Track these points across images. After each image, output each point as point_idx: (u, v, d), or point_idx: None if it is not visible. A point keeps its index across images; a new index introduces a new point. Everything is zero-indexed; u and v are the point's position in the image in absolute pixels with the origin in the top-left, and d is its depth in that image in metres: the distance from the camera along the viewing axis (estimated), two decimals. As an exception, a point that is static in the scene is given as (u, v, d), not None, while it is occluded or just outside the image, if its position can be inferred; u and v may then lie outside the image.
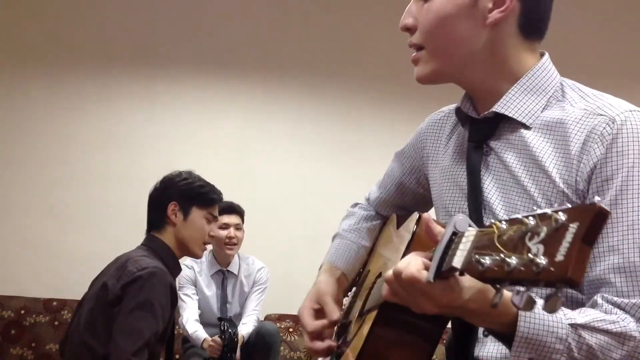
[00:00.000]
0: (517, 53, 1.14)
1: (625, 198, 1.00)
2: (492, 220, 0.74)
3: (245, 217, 3.86)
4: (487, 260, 0.70)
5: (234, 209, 3.78)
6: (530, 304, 0.68)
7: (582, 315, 0.95)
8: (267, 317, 4.16)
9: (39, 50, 4.63)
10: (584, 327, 0.94)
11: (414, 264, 0.88)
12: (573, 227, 0.62)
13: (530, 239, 0.66)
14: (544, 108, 1.12)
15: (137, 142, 4.58)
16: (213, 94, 4.68)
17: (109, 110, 4.62)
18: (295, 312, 4.41)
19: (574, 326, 0.93)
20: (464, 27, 1.11)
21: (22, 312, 4.21)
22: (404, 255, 1.11)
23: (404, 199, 1.47)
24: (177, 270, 2.42)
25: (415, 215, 1.18)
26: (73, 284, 3.78)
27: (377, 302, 1.13)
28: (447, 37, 1.13)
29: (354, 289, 1.48)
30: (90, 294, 2.33)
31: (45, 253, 4.43)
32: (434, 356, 1.09)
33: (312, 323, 1.36)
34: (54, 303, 4.25)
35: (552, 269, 0.62)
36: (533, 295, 0.68)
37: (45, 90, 4.61)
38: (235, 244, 3.78)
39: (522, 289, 0.68)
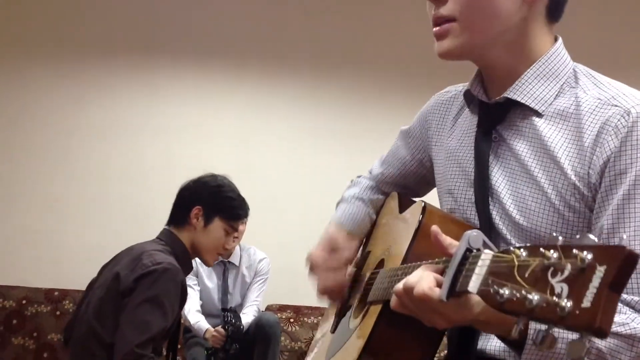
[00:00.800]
0: (540, 34, 1.11)
1: (638, 193, 0.98)
2: (511, 247, 0.72)
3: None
4: (505, 292, 0.67)
5: None
6: (551, 345, 0.66)
7: None
8: (267, 308, 4.16)
9: (39, 42, 4.61)
10: None
11: (426, 281, 0.86)
12: (600, 271, 0.60)
13: (553, 275, 0.63)
14: (556, 95, 1.10)
15: (137, 134, 4.56)
16: (214, 85, 4.66)
17: (109, 102, 4.61)
18: (296, 303, 4.42)
19: None
20: (506, 1, 1.06)
21: (24, 302, 4.21)
22: (409, 249, 1.11)
23: (406, 179, 1.45)
24: (188, 269, 2.43)
25: (421, 204, 1.17)
26: (74, 275, 3.79)
27: (381, 297, 1.12)
28: (487, 10, 1.06)
29: (353, 269, 1.47)
30: (100, 281, 2.32)
31: (46, 244, 4.44)
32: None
33: (327, 258, 1.35)
34: (56, 293, 4.25)
35: (577, 312, 0.60)
36: (554, 334, 0.67)
37: (46, 82, 4.60)
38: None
39: (542, 327, 0.66)
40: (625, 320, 0.93)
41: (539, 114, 1.09)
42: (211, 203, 2.42)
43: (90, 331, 2.21)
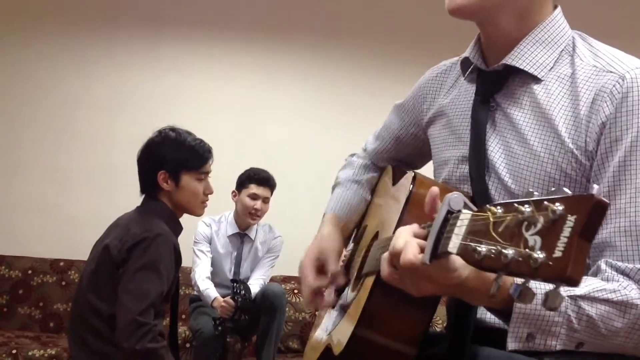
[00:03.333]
0: (545, 1, 1.10)
1: (634, 159, 0.97)
2: (488, 205, 0.71)
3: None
4: (483, 249, 0.67)
5: (267, 182, 3.80)
6: (529, 298, 0.67)
7: (582, 286, 0.92)
8: (272, 279, 4.17)
9: (43, 13, 4.59)
10: (584, 298, 0.92)
11: (410, 250, 0.84)
12: (571, 221, 0.60)
13: (527, 229, 0.63)
14: (555, 61, 1.09)
15: (142, 103, 4.56)
16: (218, 56, 4.64)
17: (114, 71, 4.60)
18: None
19: (573, 297, 0.91)
20: None
21: (29, 272, 4.25)
22: (401, 218, 1.10)
23: (400, 153, 1.46)
24: (178, 230, 2.40)
25: (411, 174, 1.16)
26: (79, 245, 3.80)
27: (374, 267, 1.12)
28: None
29: (352, 245, 1.47)
30: (91, 256, 2.34)
31: (51, 214, 4.46)
32: (437, 317, 1.07)
33: (314, 279, 1.37)
34: (61, 263, 4.29)
35: (550, 263, 0.60)
36: (531, 287, 0.67)
37: (50, 53, 4.59)
38: (259, 216, 3.82)
39: (519, 280, 0.66)
40: (617, 287, 0.93)
41: (538, 80, 1.08)
42: (172, 162, 2.35)
43: (88, 305, 2.22)
